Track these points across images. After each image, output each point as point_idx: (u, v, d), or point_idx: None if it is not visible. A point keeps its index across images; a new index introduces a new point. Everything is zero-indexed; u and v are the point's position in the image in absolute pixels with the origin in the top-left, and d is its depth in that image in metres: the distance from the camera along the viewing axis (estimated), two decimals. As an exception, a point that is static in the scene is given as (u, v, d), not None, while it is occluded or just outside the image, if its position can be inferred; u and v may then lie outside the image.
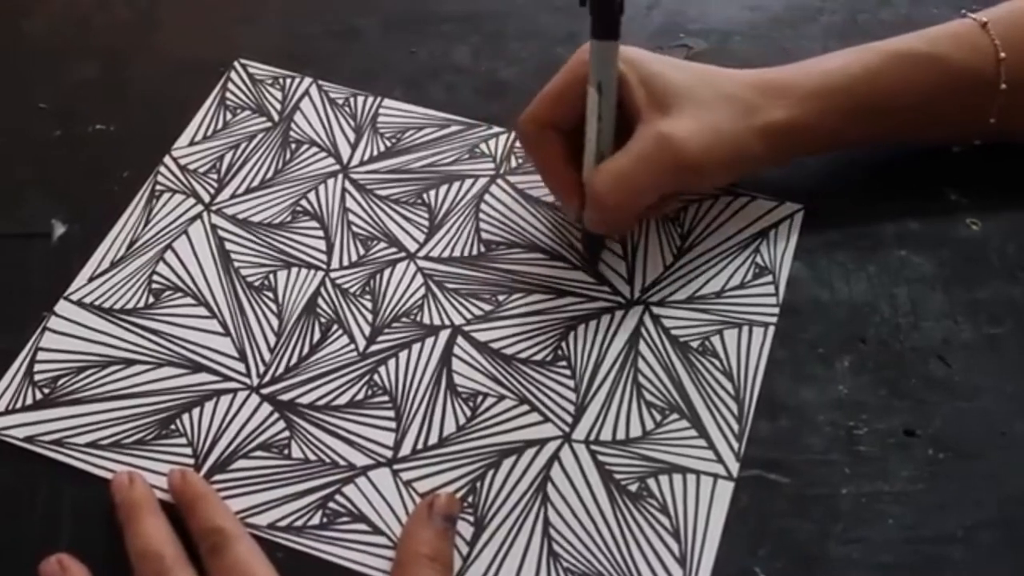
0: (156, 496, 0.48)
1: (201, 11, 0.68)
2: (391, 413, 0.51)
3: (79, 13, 0.67)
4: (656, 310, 0.53)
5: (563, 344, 0.52)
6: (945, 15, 0.63)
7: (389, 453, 0.50)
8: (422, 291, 0.54)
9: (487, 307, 0.54)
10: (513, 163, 0.58)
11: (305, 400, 0.51)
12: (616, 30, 0.47)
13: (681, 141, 0.49)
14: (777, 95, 0.52)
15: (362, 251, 0.56)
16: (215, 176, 0.59)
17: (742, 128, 0.51)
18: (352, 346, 0.53)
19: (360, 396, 0.51)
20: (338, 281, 0.55)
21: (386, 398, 0.51)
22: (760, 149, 0.52)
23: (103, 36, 0.66)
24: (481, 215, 0.57)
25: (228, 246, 0.56)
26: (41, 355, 0.53)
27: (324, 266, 0.55)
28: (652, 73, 0.51)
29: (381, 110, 0.61)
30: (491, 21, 0.66)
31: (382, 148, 0.60)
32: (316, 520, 0.48)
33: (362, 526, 0.48)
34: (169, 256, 0.56)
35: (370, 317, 0.54)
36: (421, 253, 0.56)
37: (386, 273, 0.55)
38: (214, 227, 0.57)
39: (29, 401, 0.51)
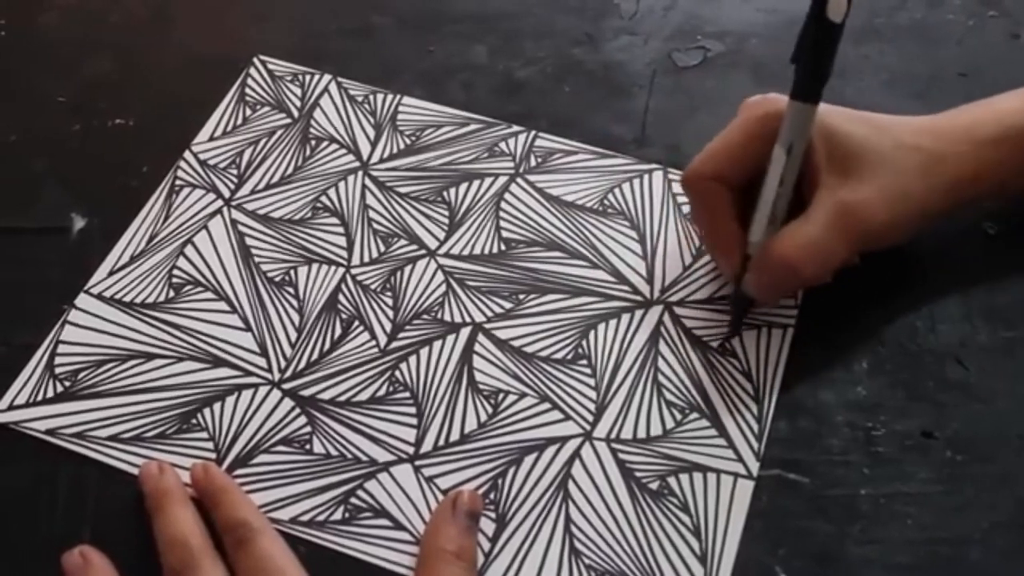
0: (185, 486, 0.48)
1: (213, 8, 0.68)
2: (412, 409, 0.51)
3: (94, 9, 0.67)
4: (676, 309, 0.54)
5: (583, 342, 0.53)
6: (960, 20, 0.64)
7: (411, 449, 0.50)
8: (443, 288, 0.55)
9: (507, 305, 0.54)
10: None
11: (326, 396, 0.51)
12: (819, 95, 0.46)
13: (865, 211, 0.48)
14: (957, 141, 0.50)
15: (383, 248, 0.56)
16: (235, 172, 0.59)
17: (929, 186, 0.50)
18: (373, 342, 0.53)
19: (381, 392, 0.51)
20: (359, 277, 0.55)
21: (407, 394, 0.51)
22: (946, 204, 0.51)
23: (118, 32, 0.66)
24: (501, 213, 0.57)
25: (248, 241, 0.56)
26: (62, 348, 0.53)
27: (345, 262, 0.56)
28: (833, 130, 0.49)
29: (400, 108, 0.62)
30: (506, 21, 0.66)
31: (402, 146, 0.60)
32: (338, 515, 0.48)
33: (384, 521, 0.48)
34: (189, 251, 0.56)
35: (391, 314, 0.54)
36: (442, 251, 0.56)
37: (407, 270, 0.55)
38: (234, 222, 0.57)
39: (50, 394, 0.51)
